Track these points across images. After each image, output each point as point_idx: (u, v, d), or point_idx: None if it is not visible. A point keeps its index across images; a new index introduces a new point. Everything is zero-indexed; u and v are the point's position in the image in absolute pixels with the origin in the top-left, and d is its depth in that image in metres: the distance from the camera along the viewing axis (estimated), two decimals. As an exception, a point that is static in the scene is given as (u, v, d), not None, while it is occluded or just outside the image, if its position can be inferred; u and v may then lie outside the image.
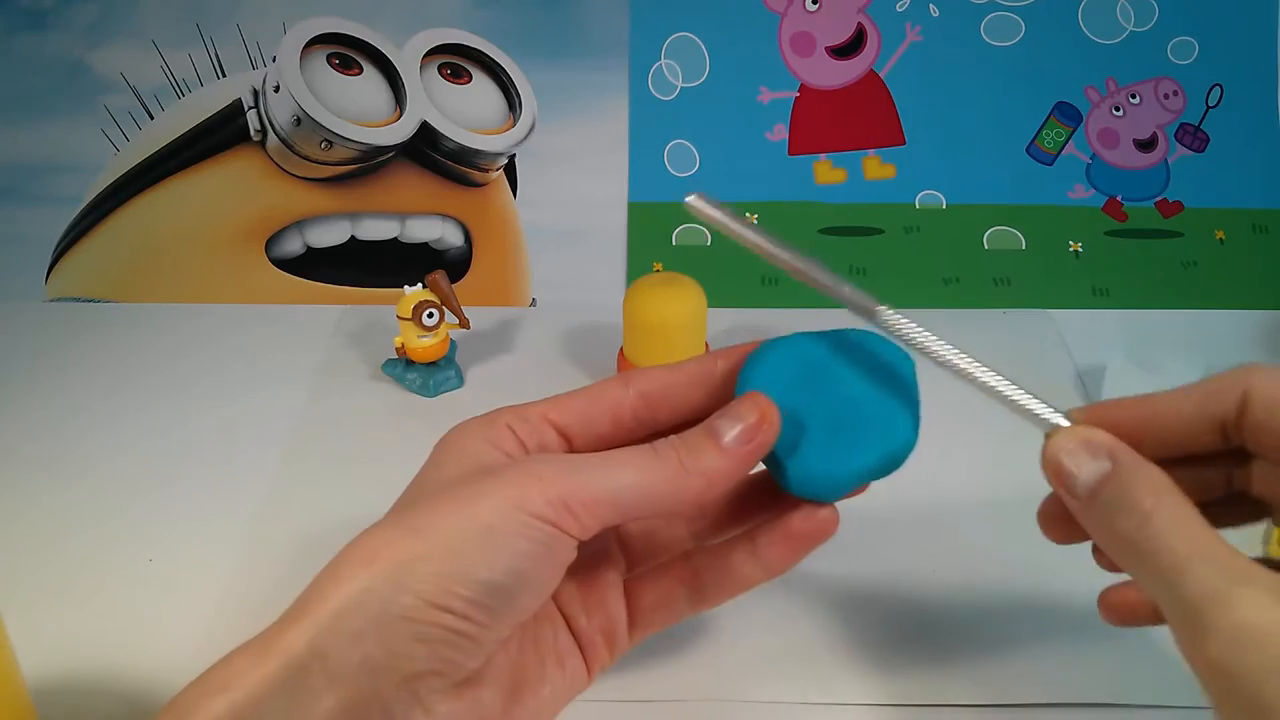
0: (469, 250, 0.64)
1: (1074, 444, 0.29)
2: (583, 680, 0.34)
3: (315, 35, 0.63)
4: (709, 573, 0.34)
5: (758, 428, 0.30)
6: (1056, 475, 0.29)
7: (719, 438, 0.30)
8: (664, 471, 0.30)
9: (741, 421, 0.30)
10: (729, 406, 0.31)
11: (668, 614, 0.34)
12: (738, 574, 0.33)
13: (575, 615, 0.34)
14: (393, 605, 0.27)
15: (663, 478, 0.29)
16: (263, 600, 0.42)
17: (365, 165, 0.64)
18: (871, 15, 0.64)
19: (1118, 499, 0.27)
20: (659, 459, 0.30)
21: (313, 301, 0.64)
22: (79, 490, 0.48)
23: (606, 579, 0.34)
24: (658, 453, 0.30)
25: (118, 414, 0.53)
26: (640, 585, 0.35)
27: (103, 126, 0.64)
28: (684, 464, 0.30)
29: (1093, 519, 0.28)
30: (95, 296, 0.64)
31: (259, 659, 0.26)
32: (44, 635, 0.40)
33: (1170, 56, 0.65)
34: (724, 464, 0.30)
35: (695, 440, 0.30)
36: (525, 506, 0.28)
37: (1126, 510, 0.27)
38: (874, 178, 0.65)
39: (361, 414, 0.54)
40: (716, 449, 0.30)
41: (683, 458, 0.30)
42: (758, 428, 0.30)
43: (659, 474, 0.29)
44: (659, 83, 0.65)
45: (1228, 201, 0.65)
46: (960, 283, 0.64)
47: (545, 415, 0.32)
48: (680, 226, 0.65)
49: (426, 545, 0.27)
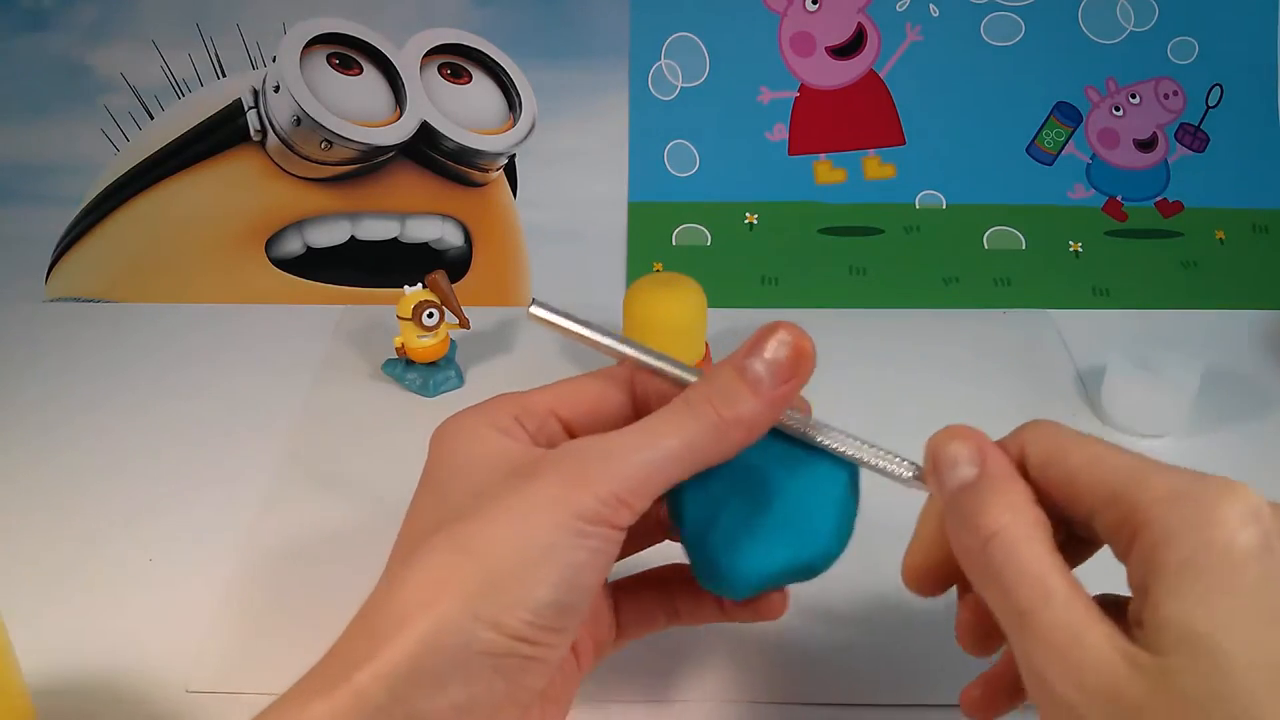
0: (469, 250, 0.64)
1: (951, 445, 0.28)
2: (576, 684, 0.34)
3: (315, 35, 0.63)
4: (683, 600, 0.34)
5: (795, 364, 0.28)
6: (933, 471, 0.28)
7: (755, 382, 0.28)
8: (701, 428, 0.28)
9: (776, 359, 0.28)
10: (756, 341, 0.29)
11: (648, 627, 0.35)
12: (705, 610, 0.34)
13: None
14: (473, 642, 0.25)
15: (702, 435, 0.28)
16: (263, 600, 0.43)
17: (365, 165, 0.64)
18: (871, 15, 0.64)
19: (969, 510, 0.27)
20: (695, 416, 0.28)
21: (313, 301, 0.64)
22: (79, 490, 0.48)
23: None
24: (692, 407, 0.28)
25: (118, 414, 0.53)
26: (624, 597, 0.35)
27: (103, 126, 0.64)
28: (722, 416, 0.28)
29: (950, 528, 0.28)
30: (95, 296, 0.64)
31: (334, 703, 0.25)
32: (44, 635, 0.40)
33: (1170, 56, 0.65)
34: (762, 409, 0.28)
35: (729, 387, 0.28)
36: (582, 515, 0.27)
37: (970, 527, 0.26)
38: (874, 178, 0.65)
39: (361, 414, 0.54)
40: (753, 394, 0.28)
41: (719, 409, 0.28)
42: (795, 364, 0.28)
43: (697, 432, 0.28)
44: (659, 83, 0.65)
45: (1228, 201, 0.65)
46: (960, 283, 0.64)
47: (554, 411, 0.31)
48: (680, 226, 0.65)
49: (489, 570, 0.26)
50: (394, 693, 0.25)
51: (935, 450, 0.28)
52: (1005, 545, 0.26)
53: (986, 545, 0.26)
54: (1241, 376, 0.56)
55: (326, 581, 0.43)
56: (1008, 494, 0.27)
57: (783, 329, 0.29)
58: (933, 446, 0.28)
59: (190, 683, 0.39)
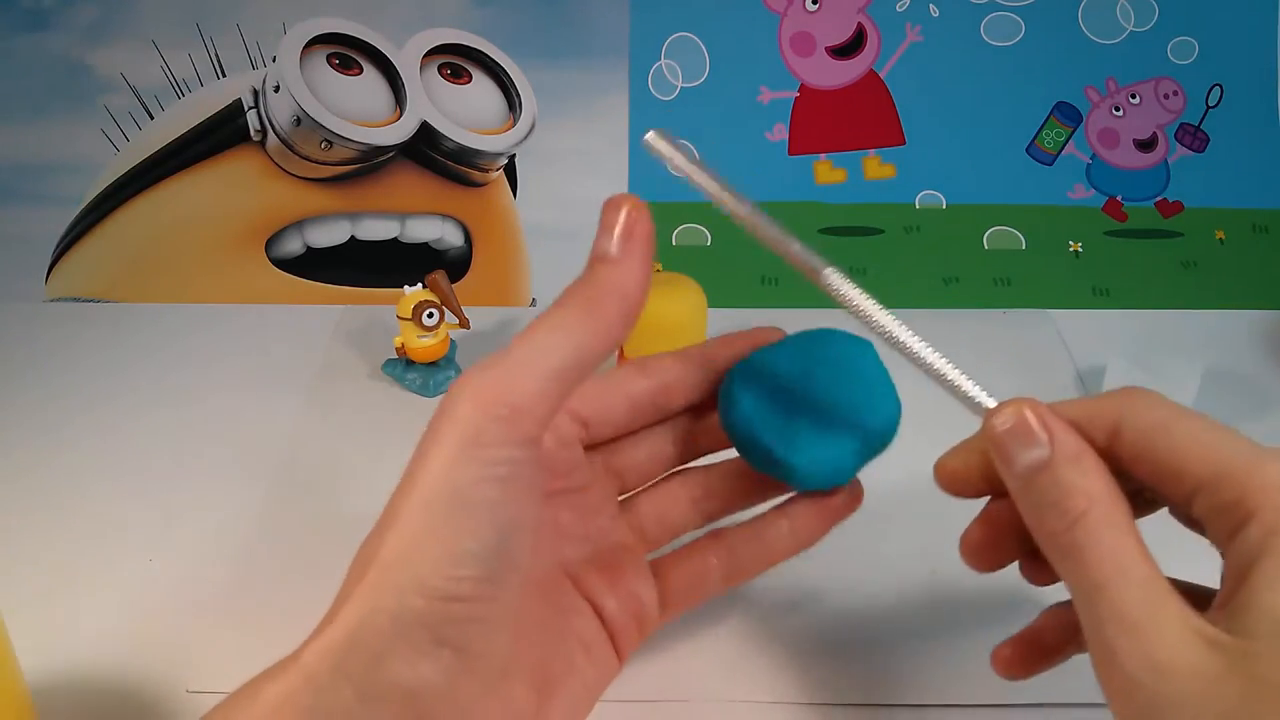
0: (469, 250, 0.64)
1: (1017, 421, 0.27)
2: (614, 665, 0.33)
3: (315, 35, 0.63)
4: (745, 548, 0.34)
5: (632, 216, 0.29)
6: (998, 449, 0.28)
7: (606, 254, 0.29)
8: (577, 314, 0.28)
9: (613, 224, 0.29)
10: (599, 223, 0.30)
11: (701, 591, 0.34)
12: (773, 548, 0.34)
13: (603, 600, 0.33)
14: (404, 613, 0.25)
15: (579, 321, 0.28)
16: (263, 600, 0.43)
17: (365, 165, 0.64)
18: (871, 15, 0.64)
19: (1049, 493, 0.26)
20: (567, 307, 0.28)
21: (313, 301, 0.64)
22: (79, 490, 0.48)
23: (630, 561, 0.34)
24: (562, 302, 0.28)
25: (118, 414, 0.53)
26: (672, 564, 0.35)
27: (103, 126, 0.64)
28: (590, 296, 0.28)
29: (1024, 505, 0.27)
30: (95, 296, 0.64)
31: (285, 682, 0.25)
32: (44, 635, 0.40)
33: (1170, 56, 0.65)
34: (623, 271, 0.29)
35: (590, 271, 0.29)
36: (477, 439, 0.26)
37: (1057, 510, 0.26)
38: (874, 178, 0.65)
39: (361, 414, 0.54)
40: (609, 263, 0.29)
41: (586, 291, 0.28)
42: (632, 216, 0.29)
43: (574, 319, 0.28)
44: (659, 83, 0.65)
45: (1228, 201, 0.65)
46: (960, 283, 0.64)
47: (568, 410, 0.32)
48: (680, 226, 0.65)
49: (405, 535, 0.26)
50: (339, 669, 0.25)
51: (1000, 430, 0.28)
52: (1089, 527, 0.26)
53: (1071, 528, 0.26)
54: (1241, 376, 0.56)
55: (327, 581, 0.43)
56: (1088, 474, 0.26)
57: (611, 201, 0.30)
58: (997, 427, 0.28)
59: (190, 683, 0.39)
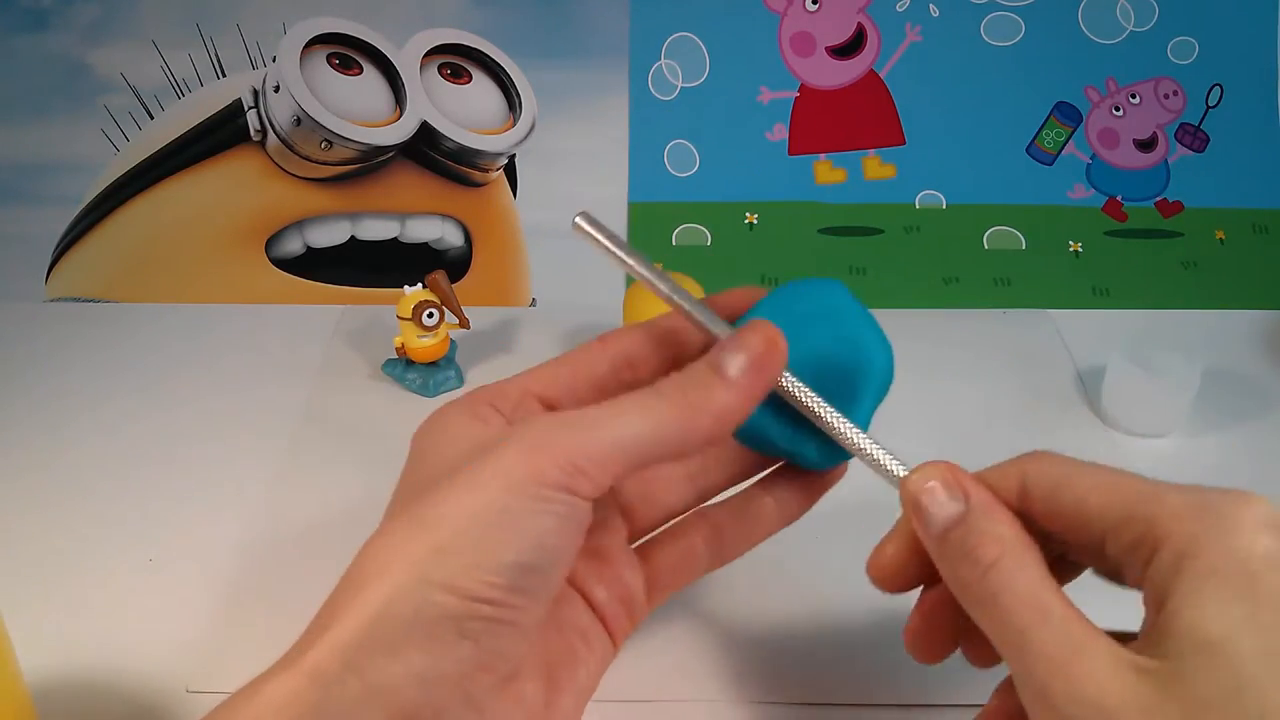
0: (469, 250, 0.64)
1: (933, 480, 0.28)
2: (610, 652, 0.33)
3: (315, 35, 0.63)
4: (731, 525, 0.34)
5: (766, 357, 0.29)
6: (914, 510, 0.29)
7: (724, 371, 0.28)
8: (670, 413, 0.28)
9: (747, 351, 0.29)
10: (732, 337, 0.29)
11: (688, 572, 0.34)
12: (758, 525, 0.34)
13: (591, 588, 0.33)
14: (427, 606, 0.25)
15: (670, 420, 0.28)
16: (263, 600, 0.43)
17: (365, 165, 0.64)
18: (871, 15, 0.64)
19: (963, 544, 0.27)
20: (664, 400, 0.28)
21: (313, 301, 0.64)
22: (79, 490, 0.48)
23: (615, 547, 0.34)
24: (661, 394, 0.28)
25: (117, 414, 0.53)
26: (658, 547, 0.34)
27: (103, 126, 0.64)
28: (691, 403, 0.28)
29: (943, 562, 0.28)
30: (95, 296, 0.64)
31: (289, 681, 0.25)
32: (44, 635, 0.40)
33: (1170, 56, 0.65)
34: (733, 399, 0.28)
35: (700, 376, 0.29)
36: (538, 478, 0.26)
37: (970, 559, 0.27)
38: (874, 178, 0.65)
39: (361, 414, 0.54)
40: (723, 383, 0.28)
41: (689, 396, 0.28)
42: (766, 357, 0.29)
43: (665, 416, 0.28)
44: (659, 83, 0.65)
45: (1228, 201, 0.65)
46: (960, 283, 0.64)
47: (527, 389, 0.31)
48: (680, 226, 0.65)
49: (443, 537, 0.26)
50: (348, 663, 0.25)
51: (915, 489, 0.29)
52: (1003, 572, 0.26)
53: (985, 575, 0.26)
54: (1241, 376, 0.56)
55: (327, 581, 0.43)
56: (999, 523, 0.27)
57: (759, 325, 0.29)
58: (912, 486, 0.29)
59: (190, 683, 0.39)
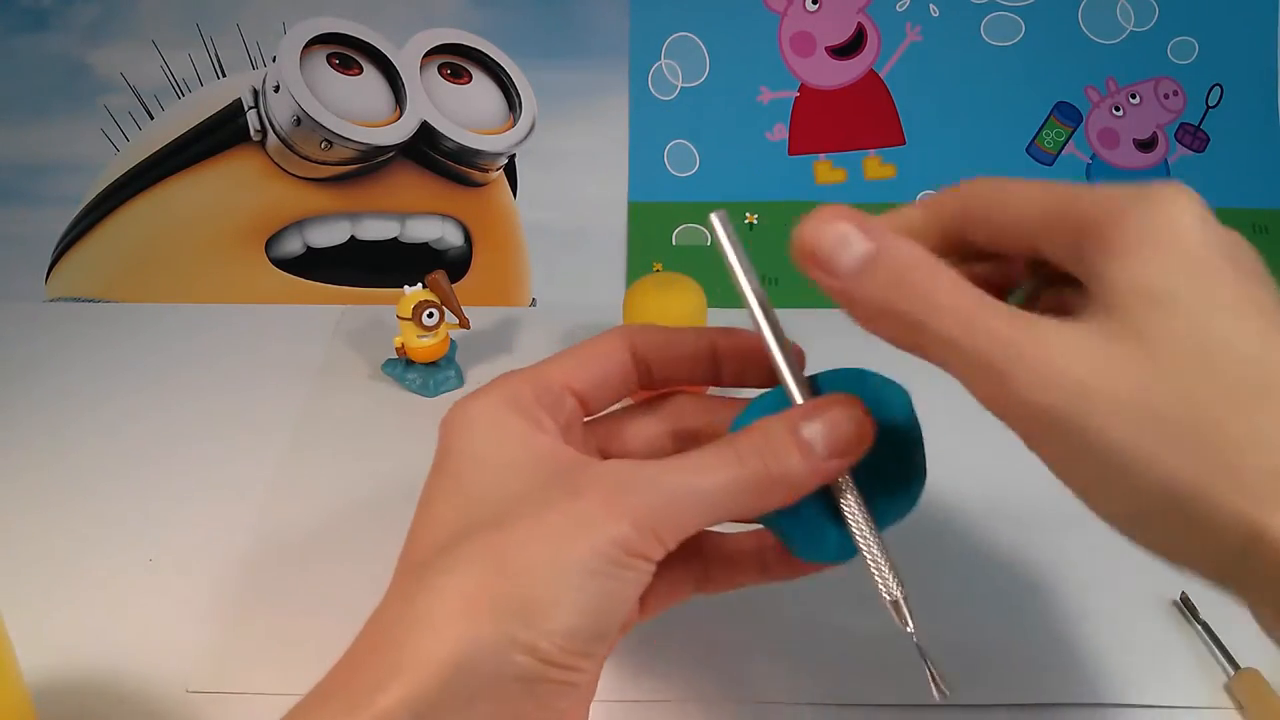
0: (469, 250, 0.64)
1: (837, 225, 0.27)
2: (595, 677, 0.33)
3: (315, 35, 0.63)
4: (717, 569, 0.33)
5: (855, 444, 0.28)
6: (814, 259, 0.27)
7: (808, 447, 0.28)
8: (746, 479, 0.27)
9: (835, 431, 0.28)
10: (818, 408, 0.28)
11: (675, 599, 0.33)
12: (741, 577, 0.33)
13: None
14: (507, 666, 0.25)
15: (744, 487, 0.27)
16: (263, 600, 0.43)
17: (365, 165, 0.64)
18: (871, 15, 0.64)
19: (887, 274, 0.26)
20: (743, 466, 0.27)
21: (313, 301, 0.64)
22: (79, 490, 0.48)
23: None
24: (741, 458, 0.27)
25: (117, 414, 0.53)
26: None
27: (103, 126, 0.64)
28: (770, 472, 0.27)
29: (860, 298, 0.27)
30: (95, 296, 0.64)
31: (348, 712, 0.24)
32: (44, 635, 0.40)
33: (1170, 56, 0.65)
34: (807, 475, 0.28)
35: (781, 445, 0.28)
36: (622, 543, 0.26)
37: (897, 283, 0.26)
38: (874, 178, 0.65)
39: (361, 414, 0.54)
40: (804, 459, 0.28)
41: (769, 465, 0.27)
42: (855, 444, 0.28)
43: (741, 483, 0.27)
44: (659, 83, 0.65)
45: (1228, 201, 0.65)
46: (960, 283, 0.64)
47: (569, 386, 0.31)
48: (680, 226, 0.65)
49: (527, 591, 0.25)
50: (417, 714, 0.24)
51: (816, 237, 0.27)
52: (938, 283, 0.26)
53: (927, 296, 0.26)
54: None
55: (326, 581, 0.43)
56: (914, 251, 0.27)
57: (849, 403, 0.28)
58: (810, 234, 0.27)
59: (190, 683, 0.39)
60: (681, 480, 0.27)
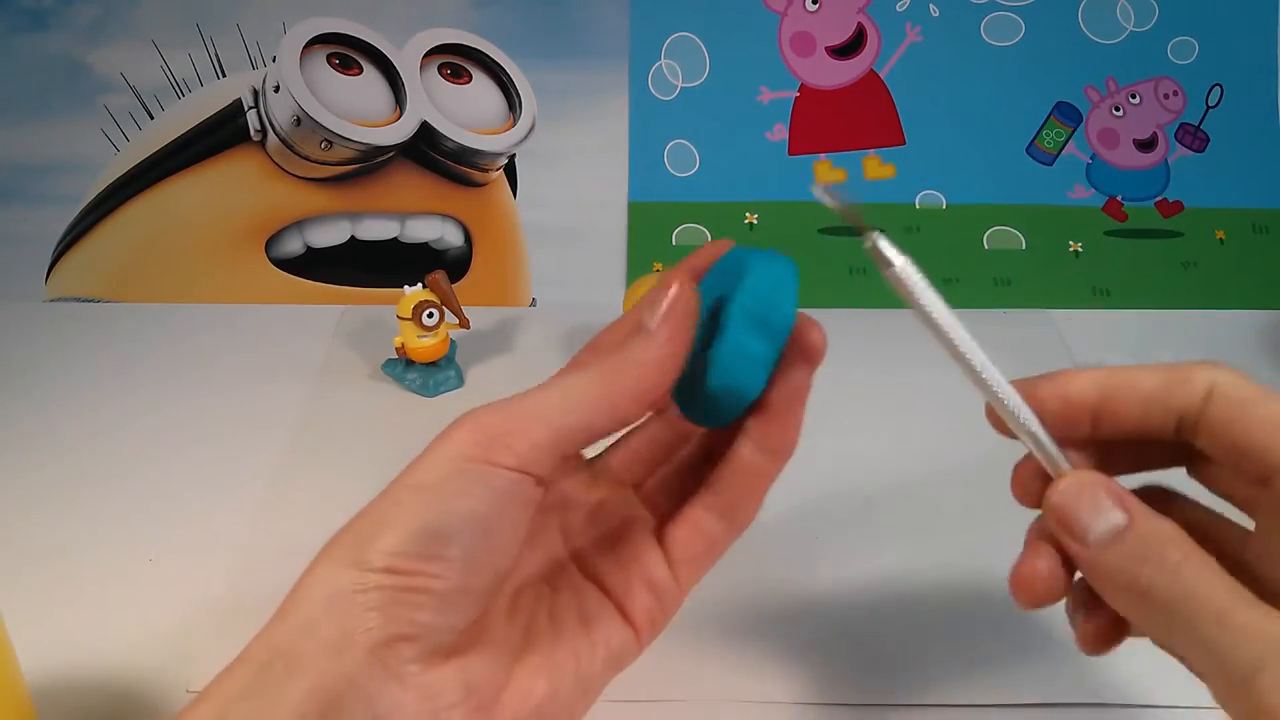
0: (469, 250, 0.64)
1: (1089, 492, 0.28)
2: (627, 641, 0.32)
3: (315, 35, 0.63)
4: (726, 480, 0.32)
5: (677, 300, 0.29)
6: (1064, 523, 0.29)
7: (643, 324, 0.29)
8: (590, 380, 0.29)
9: (657, 300, 0.29)
10: (647, 293, 0.30)
11: (705, 544, 0.32)
12: (751, 470, 0.32)
13: (606, 573, 0.32)
14: (336, 584, 0.27)
15: (593, 383, 0.29)
16: (263, 600, 0.42)
17: (365, 165, 0.64)
18: (871, 15, 0.64)
19: (1140, 550, 0.27)
20: (582, 370, 0.29)
21: (313, 301, 0.64)
22: (79, 490, 0.48)
23: (635, 538, 0.33)
24: (580, 364, 0.29)
25: (118, 414, 0.53)
26: (671, 526, 0.33)
27: (103, 126, 0.64)
28: (609, 364, 0.29)
29: (1106, 569, 0.28)
30: (95, 296, 0.64)
31: (229, 669, 0.27)
32: (44, 635, 0.40)
33: (1170, 56, 0.65)
34: (649, 347, 0.29)
35: (612, 335, 0.30)
36: (454, 453, 0.28)
37: (1154, 562, 0.27)
38: (874, 178, 0.65)
39: (361, 414, 0.54)
40: (643, 336, 0.29)
41: (606, 358, 0.29)
42: (677, 300, 0.29)
43: (586, 383, 0.29)
44: (659, 83, 0.65)
45: (1228, 201, 0.65)
46: (960, 283, 0.64)
47: None
48: (680, 226, 0.65)
49: (361, 522, 0.28)
50: (271, 645, 0.27)
51: (1068, 500, 0.28)
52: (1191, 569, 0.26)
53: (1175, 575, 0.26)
54: (1241, 376, 0.56)
55: (326, 581, 0.43)
56: (1170, 530, 0.27)
57: (662, 276, 0.30)
58: (1064, 497, 0.29)
59: (190, 683, 0.39)
60: (533, 390, 0.29)
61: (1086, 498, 0.28)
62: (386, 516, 0.28)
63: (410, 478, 0.28)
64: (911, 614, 0.41)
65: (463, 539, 0.27)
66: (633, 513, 0.34)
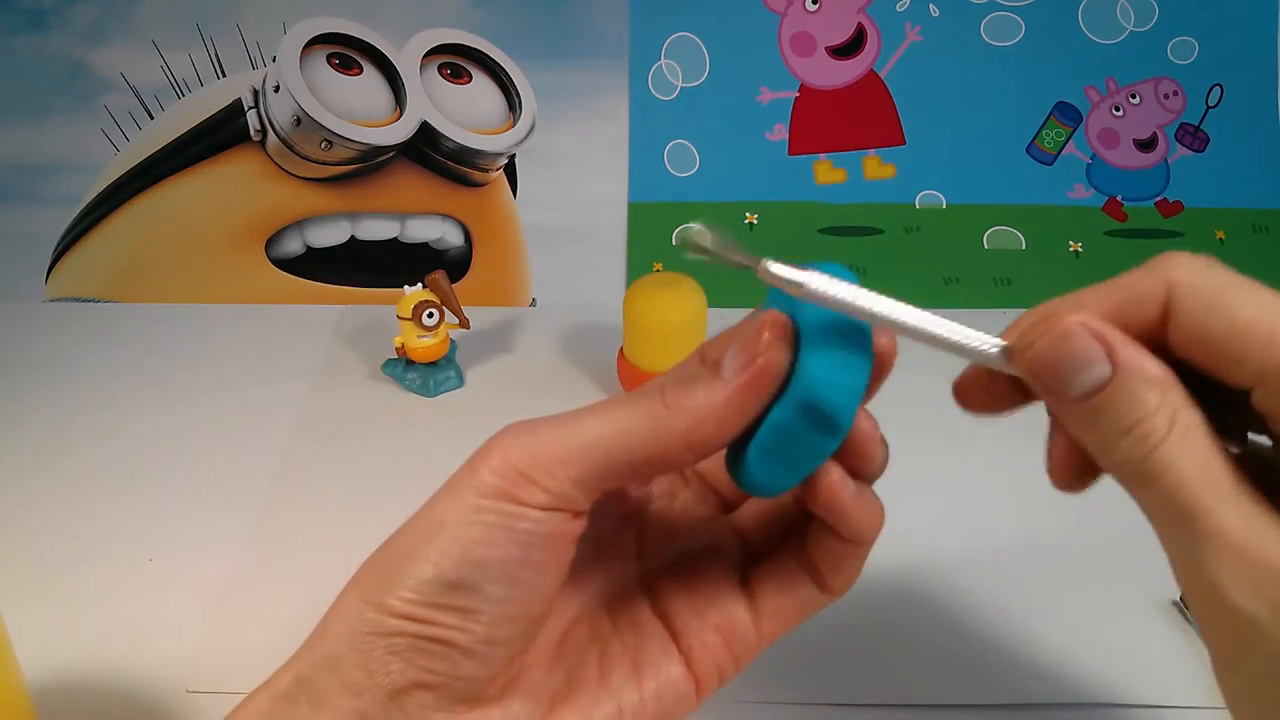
0: (469, 250, 0.64)
1: (1075, 336, 0.24)
2: (682, 696, 0.28)
3: (315, 35, 0.63)
4: (820, 545, 0.28)
5: (767, 366, 0.24)
6: (1045, 371, 0.24)
7: (715, 365, 0.25)
8: (640, 413, 0.25)
9: (742, 343, 0.24)
10: (729, 331, 0.26)
11: (795, 600, 0.29)
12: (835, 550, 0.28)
13: (677, 610, 0.29)
14: (360, 624, 0.26)
15: (640, 420, 0.25)
16: (263, 600, 0.43)
17: (365, 165, 0.64)
18: (871, 15, 0.64)
19: (1121, 414, 0.23)
20: (635, 401, 0.25)
21: (313, 301, 0.64)
22: (79, 491, 0.48)
23: (717, 574, 0.29)
24: (639, 394, 0.25)
25: (117, 414, 0.53)
26: (762, 573, 0.29)
27: (103, 126, 0.64)
28: (666, 401, 0.25)
29: (1086, 432, 0.24)
30: (95, 296, 0.64)
31: (255, 694, 0.26)
32: (44, 635, 0.40)
33: (1170, 56, 0.65)
34: (715, 396, 0.24)
35: (687, 371, 0.25)
36: (478, 490, 0.25)
37: (1133, 433, 0.23)
38: (874, 178, 0.65)
39: (361, 414, 0.54)
40: (710, 378, 0.25)
41: (666, 394, 0.25)
42: (767, 366, 0.24)
43: (634, 416, 0.25)
44: (659, 83, 0.65)
45: (1228, 201, 0.65)
46: (960, 283, 0.64)
47: None
48: (680, 226, 0.65)
49: (384, 557, 0.26)
50: (297, 678, 0.26)
51: (1051, 349, 0.24)
52: (1174, 449, 0.22)
53: (1153, 453, 0.23)
54: (1241, 376, 0.56)
55: (326, 581, 0.43)
56: (1157, 390, 0.23)
57: (765, 314, 0.25)
58: (1046, 345, 0.24)
59: (190, 683, 0.39)
60: (564, 418, 0.26)
61: (1074, 346, 0.24)
62: (412, 554, 0.26)
63: (436, 510, 0.26)
64: (911, 614, 0.41)
65: (486, 590, 0.25)
66: (720, 542, 0.31)
